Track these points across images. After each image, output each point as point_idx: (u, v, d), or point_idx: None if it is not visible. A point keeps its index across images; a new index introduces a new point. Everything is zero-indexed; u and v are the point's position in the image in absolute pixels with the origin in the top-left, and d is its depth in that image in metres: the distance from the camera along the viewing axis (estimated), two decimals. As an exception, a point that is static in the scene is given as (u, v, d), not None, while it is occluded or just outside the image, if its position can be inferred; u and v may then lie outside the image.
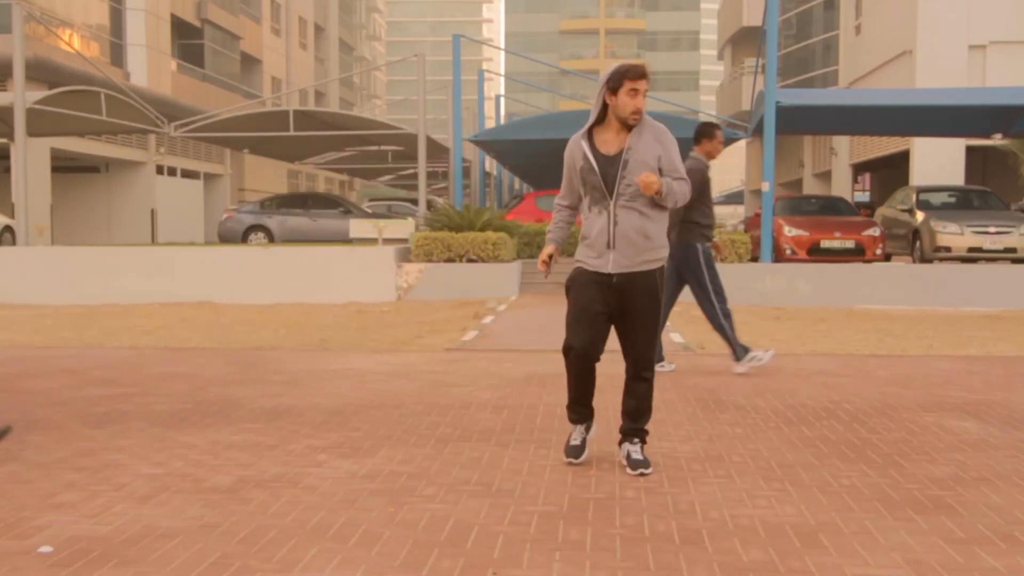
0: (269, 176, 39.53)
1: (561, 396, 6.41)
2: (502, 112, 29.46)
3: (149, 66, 29.56)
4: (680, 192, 4.43)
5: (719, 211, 57.40)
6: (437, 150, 24.24)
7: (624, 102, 4.34)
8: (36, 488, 4.22)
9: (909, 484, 4.28)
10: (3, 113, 20.19)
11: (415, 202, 30.86)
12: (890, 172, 29.60)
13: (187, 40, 33.50)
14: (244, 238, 21.72)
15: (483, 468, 4.55)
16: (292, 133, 20.01)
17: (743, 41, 39.69)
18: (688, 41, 79.44)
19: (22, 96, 15.64)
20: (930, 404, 6.14)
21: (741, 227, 22.00)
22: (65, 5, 26.47)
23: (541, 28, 78.35)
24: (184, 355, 8.69)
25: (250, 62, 39.44)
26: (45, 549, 3.43)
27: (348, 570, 3.23)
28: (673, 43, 79.30)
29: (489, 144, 21.25)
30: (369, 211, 23.74)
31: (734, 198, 54.23)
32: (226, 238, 21.81)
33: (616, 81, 4.33)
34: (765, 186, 14.98)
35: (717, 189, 76.54)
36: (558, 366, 7.70)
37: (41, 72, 23.32)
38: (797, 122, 17.83)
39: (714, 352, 8.76)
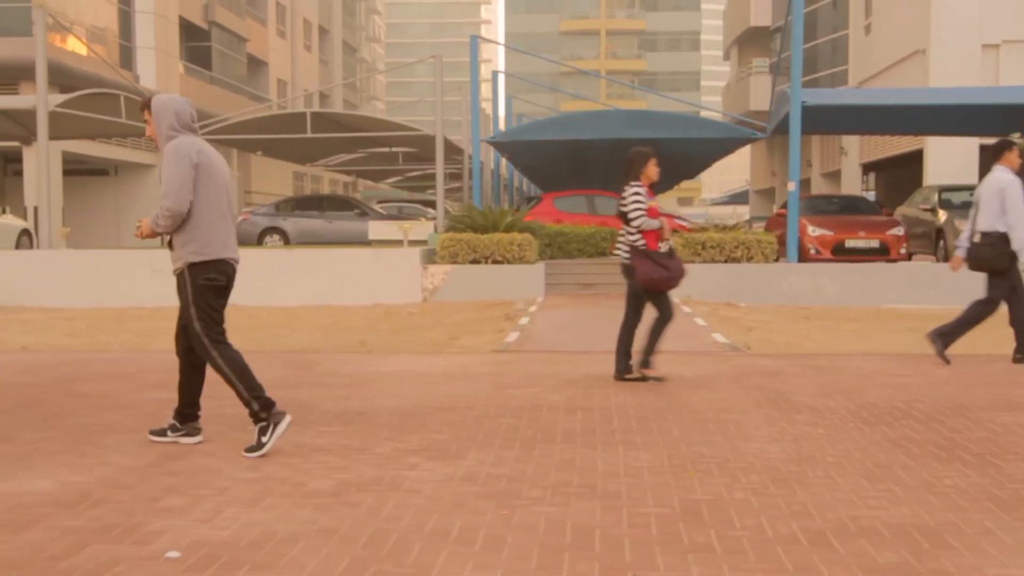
0: (275, 178, 39.48)
1: (628, 397, 6.40)
2: (512, 113, 29.41)
3: (158, 69, 29.50)
4: (158, 214, 4.92)
5: (721, 211, 57.39)
6: (450, 151, 24.20)
7: None
8: (138, 493, 4.19)
9: (1014, 484, 4.26)
10: (17, 116, 20.17)
11: (424, 203, 30.85)
12: (898, 172, 29.62)
13: (195, 43, 33.43)
14: (259, 240, 21.65)
15: (579, 470, 4.53)
16: (309, 135, 19.96)
17: (750, 41, 39.70)
18: (689, 41, 79.45)
19: (44, 99, 15.58)
20: (1002, 404, 6.13)
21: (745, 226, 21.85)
22: (75, 8, 26.41)
23: (541, 29, 78.29)
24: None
25: (256, 64, 39.38)
26: (172, 555, 3.40)
27: (486, 574, 3.21)
28: (673, 43, 79.32)
29: (504, 145, 21.20)
30: (383, 212, 23.69)
31: (738, 198, 54.27)
32: (241, 240, 21.69)
33: None
34: (791, 186, 15.00)
35: (721, 189, 76.67)
36: (612, 367, 7.69)
37: (51, 75, 23.20)
38: (817, 121, 17.84)
39: (764, 352, 8.75)
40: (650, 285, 6.74)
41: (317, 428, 5.48)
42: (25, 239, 19.25)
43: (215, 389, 6.78)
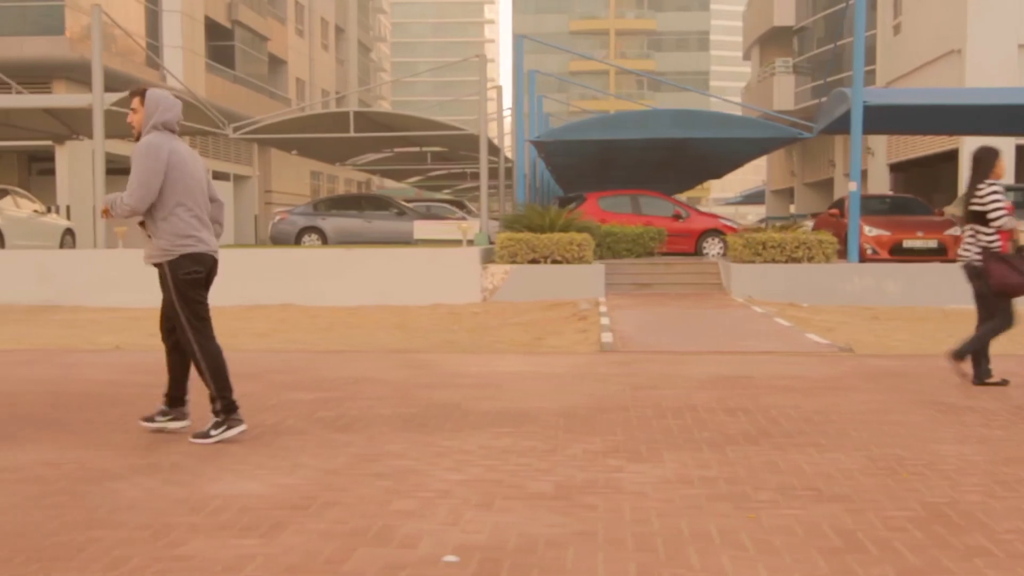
0: (292, 177, 39.37)
1: (779, 398, 6.36)
2: (542, 112, 29.36)
3: (185, 67, 29.39)
4: (120, 202, 5.07)
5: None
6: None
7: None
8: (358, 495, 4.13)
9: None
10: (60, 114, 20.07)
11: (451, 203, 30.79)
12: (921, 172, 29.57)
13: (218, 41, 33.33)
14: (297, 240, 21.57)
15: (788, 472, 4.49)
16: (352, 134, 19.91)
17: (772, 41, 39.64)
18: (697, 41, 79.49)
19: (100, 98, 15.52)
20: None
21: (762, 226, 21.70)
22: (105, 6, 26.29)
23: (550, 29, 78.11)
24: (336, 358, 8.60)
25: (276, 63, 39.28)
26: (451, 559, 3.35)
27: (784, 578, 3.17)
28: (682, 43, 79.32)
29: (544, 144, 21.14)
30: (417, 212, 23.60)
31: (752, 198, 54.23)
32: (279, 240, 21.64)
33: None
34: (852, 186, 14.96)
35: (737, 188, 76.59)
36: (735, 368, 7.65)
37: (86, 73, 23.14)
38: (867, 122, 17.79)
39: (871, 353, 8.72)
40: (1006, 290, 6.51)
41: (489, 430, 5.43)
42: (68, 238, 19.15)
43: (362, 389, 6.75)
